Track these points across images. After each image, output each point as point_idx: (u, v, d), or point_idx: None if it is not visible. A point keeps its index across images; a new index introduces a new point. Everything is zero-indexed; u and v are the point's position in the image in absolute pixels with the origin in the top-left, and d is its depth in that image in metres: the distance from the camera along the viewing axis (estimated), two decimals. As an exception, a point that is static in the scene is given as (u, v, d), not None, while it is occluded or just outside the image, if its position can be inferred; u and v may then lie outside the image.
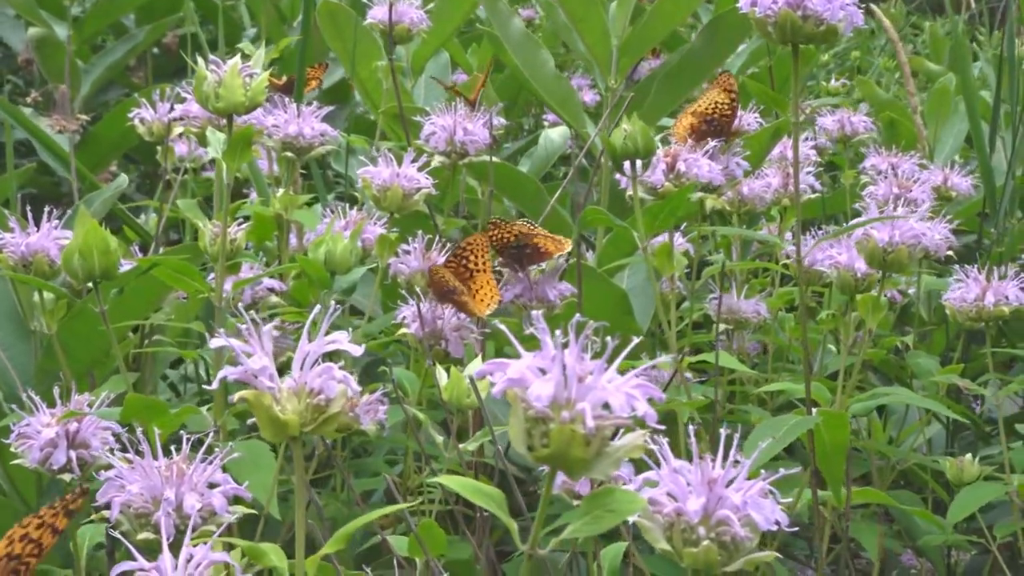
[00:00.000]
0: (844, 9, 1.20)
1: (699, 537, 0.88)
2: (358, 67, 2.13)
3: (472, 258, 1.51)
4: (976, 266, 1.81)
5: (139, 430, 1.14)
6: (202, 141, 1.65)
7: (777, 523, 0.90)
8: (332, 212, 1.78)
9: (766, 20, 1.21)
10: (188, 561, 0.95)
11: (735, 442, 0.93)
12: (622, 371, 0.82)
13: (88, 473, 1.27)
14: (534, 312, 0.84)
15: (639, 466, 0.94)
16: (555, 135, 2.33)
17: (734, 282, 2.03)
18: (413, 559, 1.27)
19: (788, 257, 2.01)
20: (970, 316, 1.77)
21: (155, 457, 1.11)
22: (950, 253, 2.17)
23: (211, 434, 1.12)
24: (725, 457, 0.92)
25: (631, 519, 0.89)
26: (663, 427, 0.80)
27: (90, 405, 1.26)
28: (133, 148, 2.83)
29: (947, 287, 1.86)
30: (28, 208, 1.58)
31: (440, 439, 1.34)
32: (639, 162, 1.47)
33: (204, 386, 0.93)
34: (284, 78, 2.03)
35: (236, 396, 0.86)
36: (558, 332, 0.81)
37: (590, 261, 1.93)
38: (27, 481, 1.53)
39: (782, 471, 0.93)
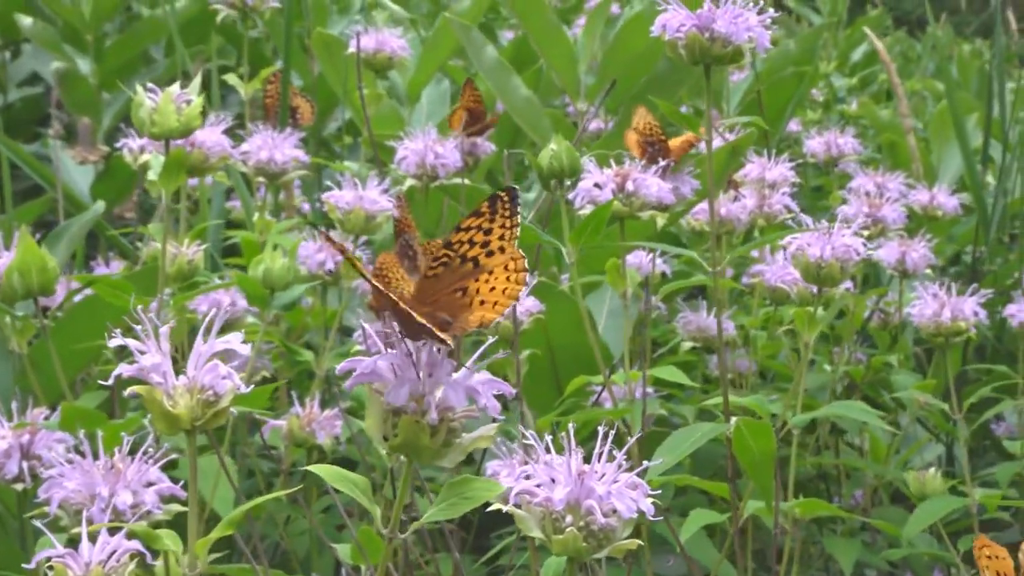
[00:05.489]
0: (751, 31, 1.26)
1: (566, 525, 0.94)
2: (351, 94, 2.21)
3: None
4: (937, 283, 1.85)
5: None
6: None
7: (640, 512, 0.96)
8: (311, 235, 1.86)
9: (676, 42, 1.27)
10: (104, 548, 1.03)
11: (611, 438, 0.99)
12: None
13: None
14: (387, 313, 0.90)
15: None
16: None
17: (704, 301, 2.08)
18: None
19: (759, 275, 2.07)
20: (930, 331, 1.80)
21: (96, 458, 1.19)
22: (928, 271, 2.21)
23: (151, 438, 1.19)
24: (601, 452, 0.98)
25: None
26: (503, 418, 0.86)
27: (46, 419, 1.35)
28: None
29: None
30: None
31: (384, 451, 1.39)
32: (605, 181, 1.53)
33: (100, 382, 1.01)
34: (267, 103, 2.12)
35: (128, 391, 0.93)
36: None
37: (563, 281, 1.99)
38: (10, 496, 1.61)
39: (646, 463, 0.98)
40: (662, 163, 1.63)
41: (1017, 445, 2.23)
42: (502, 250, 0.90)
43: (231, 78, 2.02)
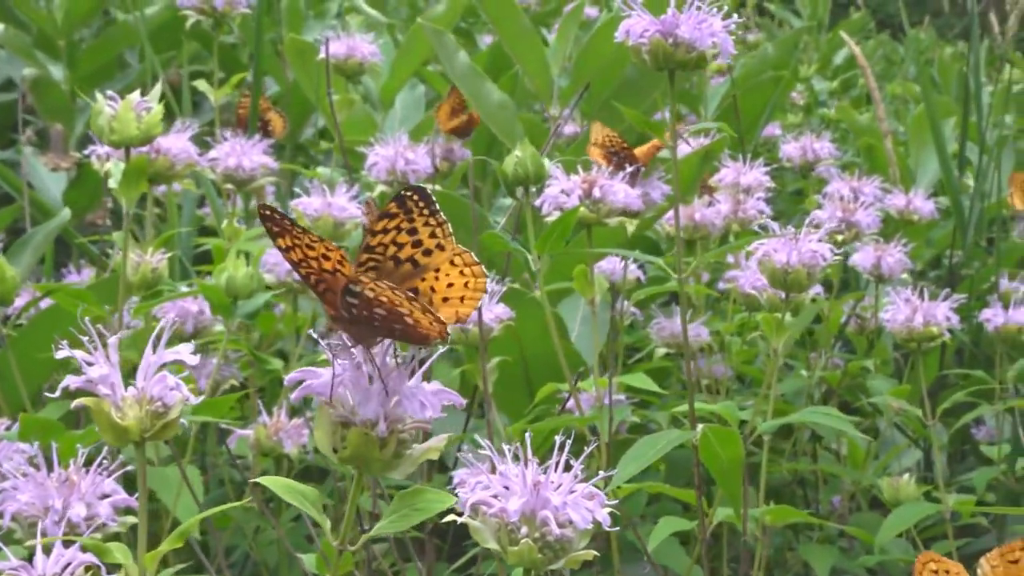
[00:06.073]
0: (714, 36, 1.25)
1: (521, 536, 0.93)
2: (323, 100, 2.19)
3: None
4: (910, 287, 1.84)
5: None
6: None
7: (597, 522, 0.95)
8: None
9: (640, 48, 1.26)
10: (58, 561, 1.02)
11: (567, 447, 0.98)
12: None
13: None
14: (329, 330, 0.89)
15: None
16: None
17: (677, 307, 2.07)
18: None
19: (733, 281, 2.06)
20: (902, 337, 1.79)
21: (50, 470, 1.18)
22: (905, 276, 2.21)
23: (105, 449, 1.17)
24: (558, 462, 0.97)
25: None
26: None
27: (7, 430, 1.33)
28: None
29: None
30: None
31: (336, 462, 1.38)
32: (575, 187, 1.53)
33: (48, 394, 0.99)
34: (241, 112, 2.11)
35: (75, 402, 0.91)
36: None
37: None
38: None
39: (602, 473, 0.97)
40: (629, 169, 1.62)
41: (995, 450, 2.23)
42: (440, 248, 0.90)
43: (201, 84, 2.00)
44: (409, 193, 0.89)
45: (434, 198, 0.89)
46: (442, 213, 0.89)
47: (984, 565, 0.85)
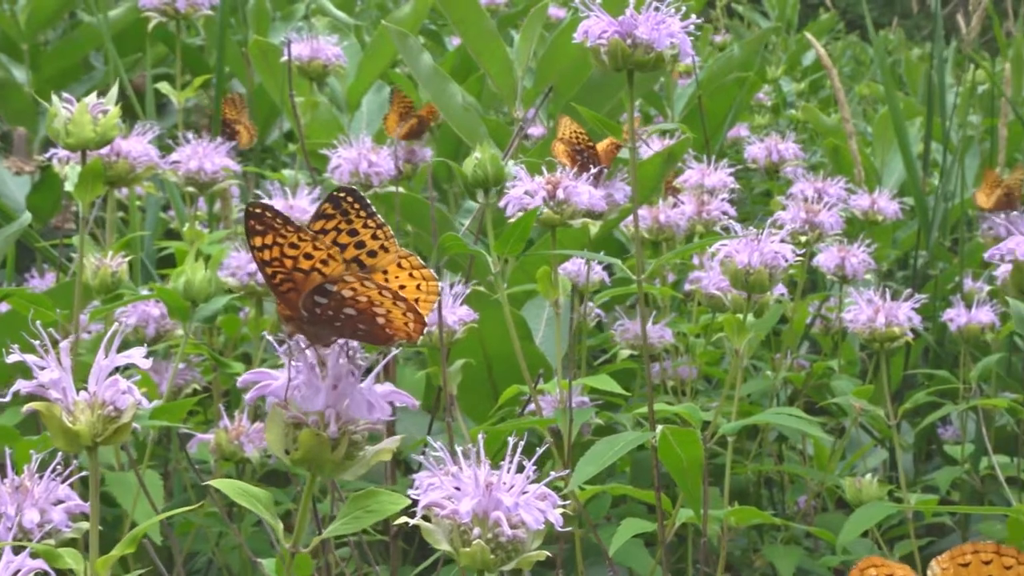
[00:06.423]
0: (673, 37, 1.25)
1: (474, 537, 0.93)
2: (287, 102, 2.19)
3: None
4: (873, 288, 1.85)
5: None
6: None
7: (549, 523, 0.95)
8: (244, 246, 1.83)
9: (599, 49, 1.26)
10: (8, 567, 1.01)
11: (520, 448, 0.98)
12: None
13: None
14: (290, 334, 0.88)
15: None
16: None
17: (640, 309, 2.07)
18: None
19: (697, 283, 2.07)
20: (865, 337, 1.80)
21: (3, 476, 1.17)
22: (868, 277, 2.22)
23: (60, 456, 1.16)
24: (513, 463, 0.97)
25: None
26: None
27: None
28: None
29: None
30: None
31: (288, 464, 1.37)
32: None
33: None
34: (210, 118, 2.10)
35: (26, 407, 0.91)
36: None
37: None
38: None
39: (553, 474, 0.97)
40: (594, 170, 1.62)
41: (959, 450, 2.24)
42: (385, 249, 0.89)
43: (164, 86, 1.99)
44: (343, 194, 0.88)
45: (368, 201, 0.88)
46: (380, 216, 0.89)
47: (934, 567, 0.85)
